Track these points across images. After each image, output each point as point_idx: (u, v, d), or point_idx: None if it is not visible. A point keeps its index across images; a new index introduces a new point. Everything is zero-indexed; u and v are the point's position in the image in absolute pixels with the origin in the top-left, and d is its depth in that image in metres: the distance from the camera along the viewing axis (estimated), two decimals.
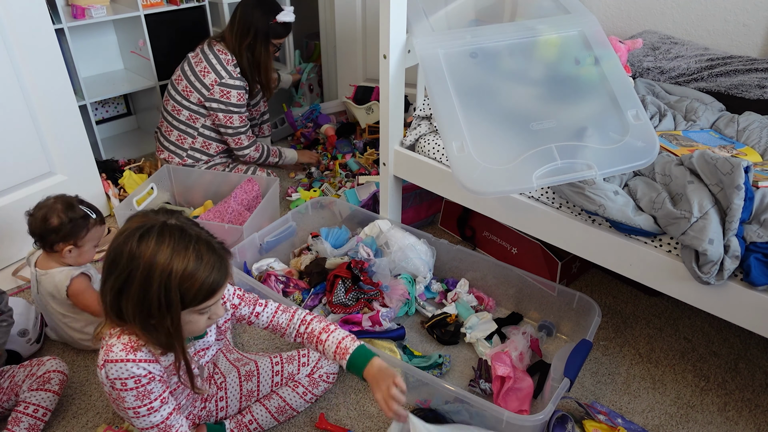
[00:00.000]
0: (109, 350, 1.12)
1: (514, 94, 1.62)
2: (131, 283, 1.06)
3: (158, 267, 1.05)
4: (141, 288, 1.06)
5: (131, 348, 1.12)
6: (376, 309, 1.74)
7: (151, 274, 1.05)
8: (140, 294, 1.06)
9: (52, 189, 2.07)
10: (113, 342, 1.13)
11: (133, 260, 1.05)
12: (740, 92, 1.90)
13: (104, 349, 1.14)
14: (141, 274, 1.05)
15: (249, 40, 2.25)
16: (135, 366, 1.12)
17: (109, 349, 1.12)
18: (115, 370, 1.12)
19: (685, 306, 1.89)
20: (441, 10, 1.79)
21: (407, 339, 1.76)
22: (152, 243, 1.06)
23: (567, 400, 1.56)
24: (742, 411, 1.58)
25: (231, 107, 2.26)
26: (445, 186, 1.82)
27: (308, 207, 2.12)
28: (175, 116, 2.32)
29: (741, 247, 1.28)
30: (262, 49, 2.30)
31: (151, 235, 1.07)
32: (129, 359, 1.11)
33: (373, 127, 2.70)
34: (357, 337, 1.52)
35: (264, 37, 2.27)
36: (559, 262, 1.89)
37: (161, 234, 1.07)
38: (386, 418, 1.53)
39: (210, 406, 1.43)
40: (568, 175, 1.41)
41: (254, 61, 2.32)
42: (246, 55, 2.28)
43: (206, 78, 2.23)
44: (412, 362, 1.62)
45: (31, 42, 1.86)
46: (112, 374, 1.12)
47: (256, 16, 2.23)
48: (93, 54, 2.77)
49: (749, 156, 1.57)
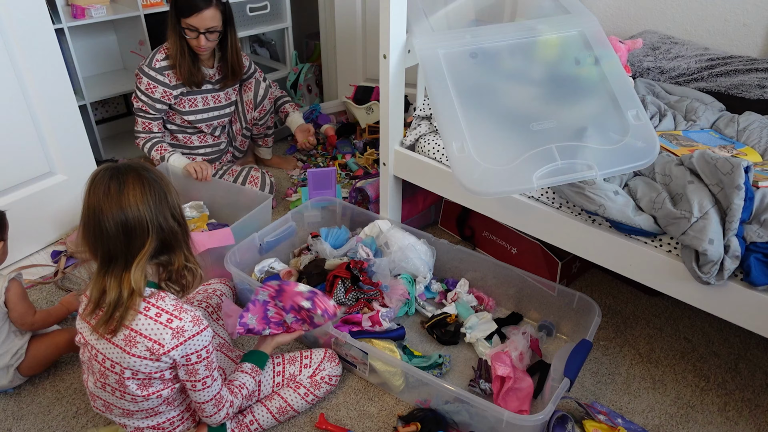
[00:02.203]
0: (180, 329, 1.17)
1: (515, 95, 1.62)
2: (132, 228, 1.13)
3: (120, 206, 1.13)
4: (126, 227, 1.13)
5: (195, 320, 1.19)
6: (376, 309, 1.74)
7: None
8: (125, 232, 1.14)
9: (52, 189, 2.08)
10: (170, 317, 1.17)
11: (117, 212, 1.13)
12: (740, 92, 1.90)
13: (168, 326, 1.16)
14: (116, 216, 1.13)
15: (169, 24, 2.09)
16: (206, 334, 1.21)
17: (179, 328, 1.17)
18: (195, 343, 1.19)
19: (685, 306, 1.89)
20: (441, 10, 1.79)
21: (407, 339, 1.76)
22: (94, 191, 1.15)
23: (567, 400, 1.56)
24: (742, 411, 1.58)
25: (138, 92, 2.18)
26: (445, 186, 1.82)
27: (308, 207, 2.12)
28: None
29: (741, 247, 1.28)
30: (173, 32, 2.09)
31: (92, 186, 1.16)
32: (202, 329, 1.19)
33: (373, 127, 2.70)
34: (356, 338, 1.54)
35: (174, 20, 2.07)
36: (559, 262, 1.89)
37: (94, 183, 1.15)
38: (386, 418, 1.54)
39: None
40: (568, 176, 1.41)
41: (182, 48, 2.11)
42: (171, 40, 2.10)
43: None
44: (412, 362, 1.62)
45: (31, 42, 1.86)
46: (191, 347, 1.19)
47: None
48: (93, 54, 2.77)
49: (749, 156, 1.58)
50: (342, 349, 1.61)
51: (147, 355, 1.17)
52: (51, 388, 1.61)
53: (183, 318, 1.18)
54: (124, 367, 1.19)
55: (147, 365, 1.18)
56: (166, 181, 1.22)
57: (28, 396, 1.58)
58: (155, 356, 1.17)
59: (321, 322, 1.48)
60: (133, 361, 1.18)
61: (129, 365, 1.18)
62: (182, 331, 1.17)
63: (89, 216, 1.14)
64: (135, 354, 1.17)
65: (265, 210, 2.06)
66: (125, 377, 1.20)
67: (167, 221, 1.18)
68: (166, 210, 1.18)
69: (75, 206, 2.15)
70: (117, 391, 1.24)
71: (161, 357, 1.17)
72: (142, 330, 1.16)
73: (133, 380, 1.21)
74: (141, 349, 1.17)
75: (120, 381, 1.22)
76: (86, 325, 1.24)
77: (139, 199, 1.14)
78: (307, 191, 2.25)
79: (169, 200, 1.19)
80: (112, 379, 1.23)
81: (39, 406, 1.56)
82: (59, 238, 2.17)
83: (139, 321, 1.16)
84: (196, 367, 1.21)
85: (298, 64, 3.21)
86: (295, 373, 1.52)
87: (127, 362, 1.18)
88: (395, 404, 1.58)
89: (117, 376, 1.21)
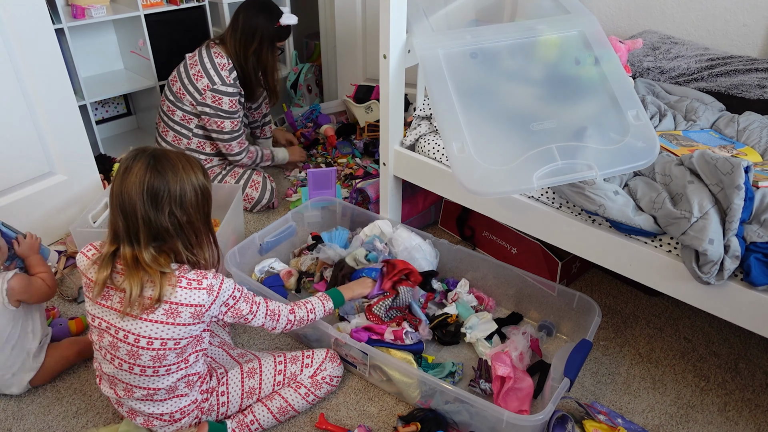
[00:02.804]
0: (210, 286, 1.26)
1: (515, 95, 1.61)
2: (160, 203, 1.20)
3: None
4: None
5: (215, 276, 1.28)
6: (402, 326, 1.69)
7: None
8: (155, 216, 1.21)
9: (52, 189, 2.08)
10: (197, 281, 1.25)
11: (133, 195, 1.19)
12: (740, 92, 1.90)
13: (201, 288, 1.25)
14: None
15: (255, 46, 2.24)
16: (229, 281, 1.30)
17: (210, 285, 1.26)
18: (225, 291, 1.28)
19: (685, 306, 1.90)
20: (441, 10, 1.79)
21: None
22: (124, 177, 1.21)
23: (567, 400, 1.56)
24: (742, 411, 1.58)
25: (221, 113, 2.24)
26: (445, 186, 1.82)
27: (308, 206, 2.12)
28: (170, 117, 2.30)
29: (741, 247, 1.28)
30: (268, 54, 2.29)
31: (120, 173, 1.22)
32: (222, 279, 1.28)
33: (373, 126, 2.70)
34: (374, 346, 1.55)
35: (270, 42, 2.27)
36: (559, 262, 1.89)
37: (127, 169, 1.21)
38: (386, 418, 1.54)
39: (212, 399, 1.44)
40: (568, 176, 1.41)
41: (260, 66, 2.31)
42: (251, 60, 2.27)
43: (199, 82, 2.21)
44: (429, 372, 1.59)
45: (31, 42, 1.86)
46: (224, 296, 1.29)
47: (261, 21, 2.22)
48: (93, 54, 2.77)
49: (749, 156, 1.58)
50: (342, 350, 1.61)
51: (191, 321, 1.26)
52: (51, 388, 1.61)
53: (208, 276, 1.26)
54: (167, 339, 1.24)
55: (191, 330, 1.27)
56: (181, 177, 1.23)
57: (28, 396, 1.58)
58: (198, 318, 1.26)
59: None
60: (179, 330, 1.26)
61: (173, 336, 1.26)
62: (212, 287, 1.26)
63: (110, 191, 1.23)
64: (180, 323, 1.25)
65: (237, 206, 2.08)
66: (167, 348, 1.26)
67: (158, 216, 1.20)
68: (164, 204, 1.20)
69: (75, 206, 2.16)
70: (148, 368, 1.28)
71: (203, 316, 1.26)
72: (182, 300, 1.23)
73: (173, 351, 1.28)
74: (185, 317, 1.24)
75: (156, 357, 1.27)
76: (106, 309, 1.26)
77: (136, 186, 1.18)
78: (307, 191, 2.25)
79: (171, 195, 1.21)
80: (146, 357, 1.26)
81: (39, 406, 1.56)
82: (59, 238, 2.17)
83: (177, 293, 1.23)
84: (238, 306, 1.33)
85: (298, 64, 3.21)
86: (296, 373, 1.52)
87: (171, 333, 1.25)
88: (395, 404, 1.58)
89: (154, 352, 1.25)
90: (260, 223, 2.32)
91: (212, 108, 2.22)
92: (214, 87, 2.20)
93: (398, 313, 1.73)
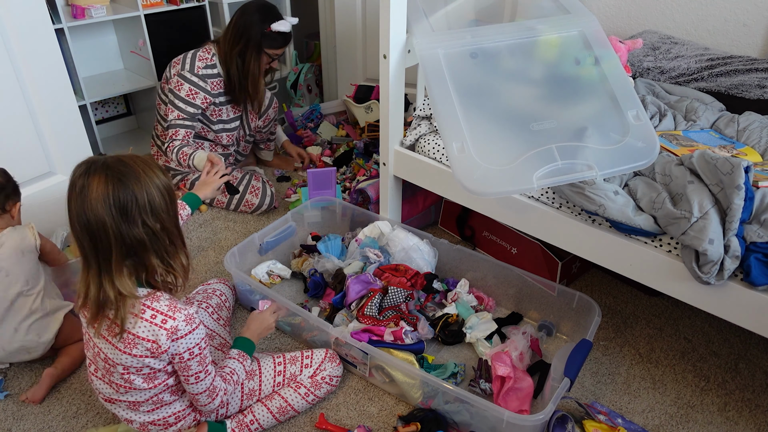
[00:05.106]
0: (174, 329, 1.18)
1: (515, 95, 1.61)
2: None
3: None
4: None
5: (188, 318, 1.20)
6: (400, 326, 1.68)
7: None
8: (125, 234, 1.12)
9: (52, 189, 2.07)
10: (164, 318, 1.18)
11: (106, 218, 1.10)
12: (740, 92, 1.90)
13: (163, 327, 1.17)
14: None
15: (240, 47, 2.15)
16: (200, 331, 1.23)
17: (174, 328, 1.18)
18: (188, 341, 1.21)
19: (685, 306, 1.90)
20: (441, 10, 1.79)
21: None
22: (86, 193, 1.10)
23: (567, 400, 1.56)
24: (742, 411, 1.58)
25: (177, 99, 2.14)
26: (445, 186, 1.82)
27: (308, 207, 2.12)
28: (164, 117, 2.26)
29: (741, 247, 1.28)
30: (252, 58, 2.17)
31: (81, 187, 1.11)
32: (194, 327, 1.21)
33: (373, 126, 2.70)
34: (375, 347, 1.52)
35: (256, 45, 2.15)
36: (559, 262, 1.89)
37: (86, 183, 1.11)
38: (386, 418, 1.54)
39: None
40: (568, 176, 1.41)
41: (243, 69, 2.20)
42: (236, 62, 2.17)
43: (173, 68, 2.17)
44: (432, 373, 1.59)
45: (31, 42, 1.86)
46: (184, 345, 1.21)
47: (252, 22, 2.13)
48: (93, 54, 2.77)
49: (749, 156, 1.57)
50: (343, 349, 1.61)
51: (147, 354, 1.20)
52: (51, 388, 1.61)
53: (177, 318, 1.19)
54: (127, 366, 1.22)
55: (150, 362, 1.22)
56: (145, 183, 1.14)
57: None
58: (155, 355, 1.20)
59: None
60: (136, 360, 1.21)
61: (132, 364, 1.21)
62: (176, 331, 1.19)
63: (67, 211, 1.13)
64: (137, 354, 1.20)
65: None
66: (130, 373, 1.23)
67: (131, 229, 1.12)
68: (135, 215, 1.12)
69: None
70: (122, 387, 1.27)
71: (160, 355, 1.20)
72: (140, 333, 1.18)
73: (138, 375, 1.24)
74: (141, 350, 1.19)
75: (125, 378, 1.24)
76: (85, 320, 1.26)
77: (101, 202, 1.09)
78: (307, 191, 2.25)
79: (140, 204, 1.12)
80: (117, 375, 1.25)
81: (39, 406, 1.56)
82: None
83: (137, 324, 1.18)
84: (189, 363, 1.24)
85: (298, 64, 3.21)
86: (295, 373, 1.52)
87: (129, 362, 1.21)
88: (395, 404, 1.58)
89: (121, 374, 1.24)
90: (260, 224, 2.32)
91: (172, 93, 2.14)
92: (181, 72, 2.15)
93: (393, 312, 1.73)
